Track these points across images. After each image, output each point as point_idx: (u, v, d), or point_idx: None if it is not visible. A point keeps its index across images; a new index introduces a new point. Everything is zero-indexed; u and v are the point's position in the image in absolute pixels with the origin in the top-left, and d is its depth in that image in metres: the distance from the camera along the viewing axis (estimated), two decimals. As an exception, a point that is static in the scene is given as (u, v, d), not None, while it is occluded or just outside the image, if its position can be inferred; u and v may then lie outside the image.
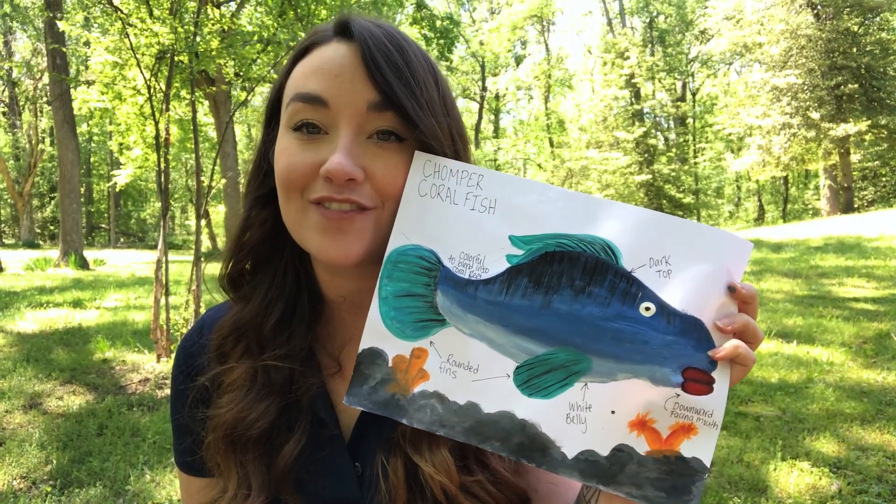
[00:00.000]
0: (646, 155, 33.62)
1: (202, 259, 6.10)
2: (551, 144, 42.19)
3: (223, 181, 14.11)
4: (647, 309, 0.70)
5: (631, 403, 0.71)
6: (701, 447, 0.70)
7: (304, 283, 0.95)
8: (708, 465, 0.70)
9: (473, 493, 0.84)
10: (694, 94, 42.12)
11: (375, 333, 0.78)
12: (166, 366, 5.95)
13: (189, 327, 5.97)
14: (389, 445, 0.86)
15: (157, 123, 6.30)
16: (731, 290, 0.70)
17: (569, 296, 0.72)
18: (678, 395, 0.69)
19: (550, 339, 0.72)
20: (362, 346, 0.79)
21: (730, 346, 0.68)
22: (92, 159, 42.01)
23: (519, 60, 44.83)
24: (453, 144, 0.82)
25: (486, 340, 0.75)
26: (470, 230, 0.76)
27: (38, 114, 33.05)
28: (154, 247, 27.91)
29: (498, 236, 0.75)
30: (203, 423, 0.94)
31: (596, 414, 0.72)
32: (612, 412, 0.71)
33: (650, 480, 0.70)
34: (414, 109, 0.77)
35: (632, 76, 34.44)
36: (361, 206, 0.79)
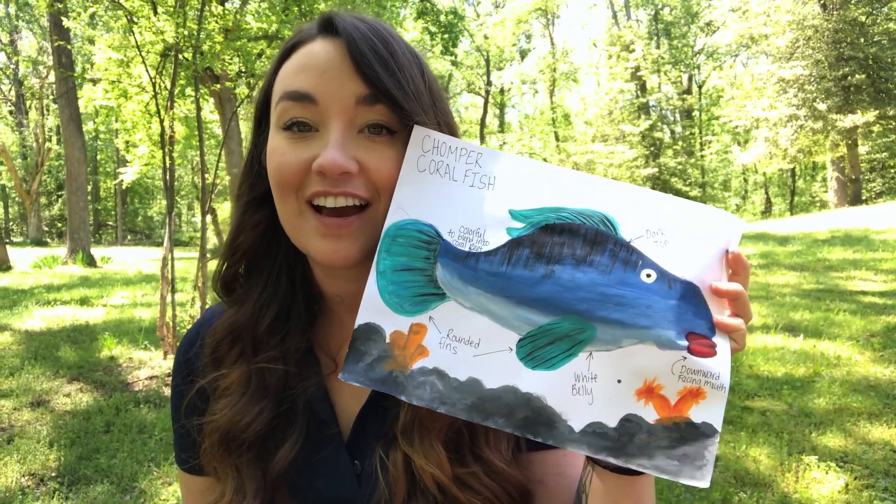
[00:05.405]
0: (652, 148, 33.49)
1: (208, 255, 6.11)
2: (557, 138, 42.07)
3: (228, 178, 14.12)
4: (649, 275, 0.71)
5: (637, 370, 0.70)
6: (710, 411, 0.69)
7: (298, 283, 0.94)
8: (718, 428, 0.69)
9: (468, 484, 0.83)
10: (700, 87, 41.86)
11: (372, 308, 0.76)
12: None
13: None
14: (388, 440, 0.86)
15: (162, 121, 6.31)
16: (728, 253, 0.71)
17: (570, 265, 0.72)
18: (685, 359, 0.69)
19: (553, 309, 0.71)
20: (358, 321, 0.76)
21: (733, 321, 0.69)
22: (98, 157, 42.20)
23: (524, 54, 44.69)
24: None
25: (487, 313, 0.73)
26: (469, 205, 0.76)
27: (45, 112, 33.19)
28: (160, 244, 28.00)
29: (498, 211, 0.75)
30: (199, 427, 0.94)
31: (602, 384, 0.71)
32: (619, 381, 0.71)
33: (661, 449, 0.69)
34: (404, 100, 0.77)
35: (637, 69, 34.27)
36: (358, 199, 0.79)
